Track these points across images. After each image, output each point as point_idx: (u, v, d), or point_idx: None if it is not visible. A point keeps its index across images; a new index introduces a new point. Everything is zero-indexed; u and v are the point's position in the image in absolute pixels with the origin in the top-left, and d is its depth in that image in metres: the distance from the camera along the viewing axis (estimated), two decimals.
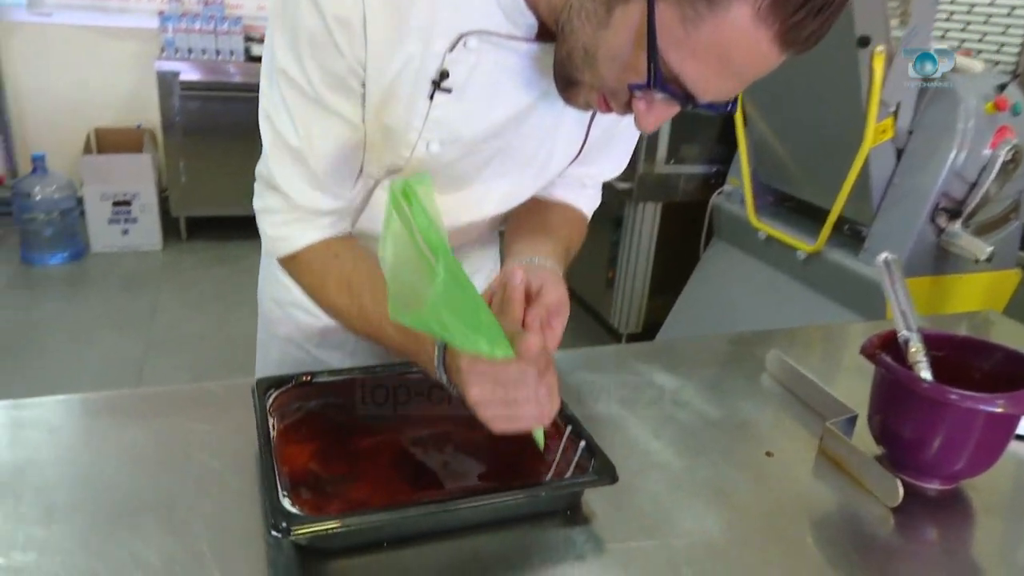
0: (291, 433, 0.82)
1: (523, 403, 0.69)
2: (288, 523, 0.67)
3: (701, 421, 1.00)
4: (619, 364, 1.15)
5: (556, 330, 0.74)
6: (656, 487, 0.85)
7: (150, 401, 0.96)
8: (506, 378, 0.68)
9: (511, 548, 0.75)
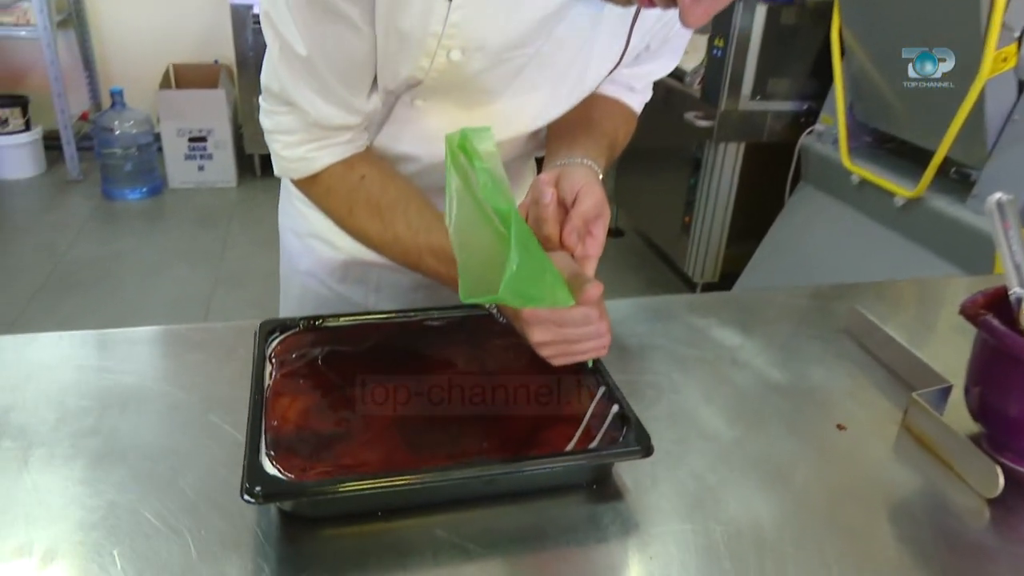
0: (288, 383, 0.73)
1: (584, 340, 0.69)
2: (263, 487, 0.59)
3: (762, 385, 0.87)
4: (675, 316, 1.03)
5: (597, 236, 0.72)
6: (700, 461, 0.74)
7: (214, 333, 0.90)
8: (567, 320, 0.67)
9: (525, 525, 0.65)
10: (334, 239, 0.92)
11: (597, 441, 0.68)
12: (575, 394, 0.74)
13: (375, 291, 0.95)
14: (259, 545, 0.61)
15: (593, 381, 0.76)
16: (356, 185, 0.80)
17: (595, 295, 0.66)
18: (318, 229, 0.94)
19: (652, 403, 0.82)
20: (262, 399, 0.70)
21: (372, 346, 0.80)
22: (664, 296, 1.38)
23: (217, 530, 0.62)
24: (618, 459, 0.67)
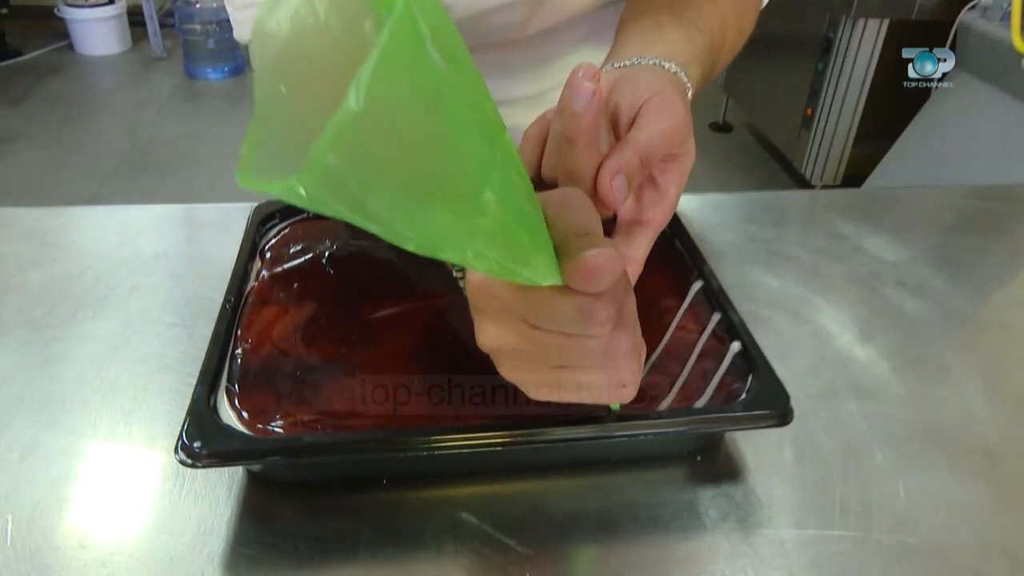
0: (277, 288, 0.54)
1: (581, 366, 0.35)
2: (205, 441, 0.40)
3: (943, 318, 0.62)
4: (809, 218, 0.77)
5: (665, 191, 0.42)
6: (856, 431, 0.51)
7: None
8: (547, 316, 0.33)
9: (587, 512, 0.45)
10: None
11: (707, 395, 0.46)
12: (678, 322, 0.52)
13: None
14: (212, 513, 0.43)
15: (705, 303, 0.53)
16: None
17: (600, 270, 0.31)
18: None
19: (782, 341, 0.59)
20: (236, 308, 0.51)
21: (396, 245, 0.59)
22: (793, 191, 1.11)
23: (155, 484, 0.45)
24: (739, 427, 0.45)
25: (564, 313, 0.32)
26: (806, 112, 2.55)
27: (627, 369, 0.35)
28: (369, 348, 0.49)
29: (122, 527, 0.43)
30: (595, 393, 0.36)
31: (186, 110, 3.41)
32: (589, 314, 0.32)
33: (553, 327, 0.33)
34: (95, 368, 0.53)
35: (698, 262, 0.57)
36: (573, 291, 0.32)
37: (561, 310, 0.32)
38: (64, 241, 0.67)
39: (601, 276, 0.31)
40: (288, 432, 0.43)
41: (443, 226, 0.26)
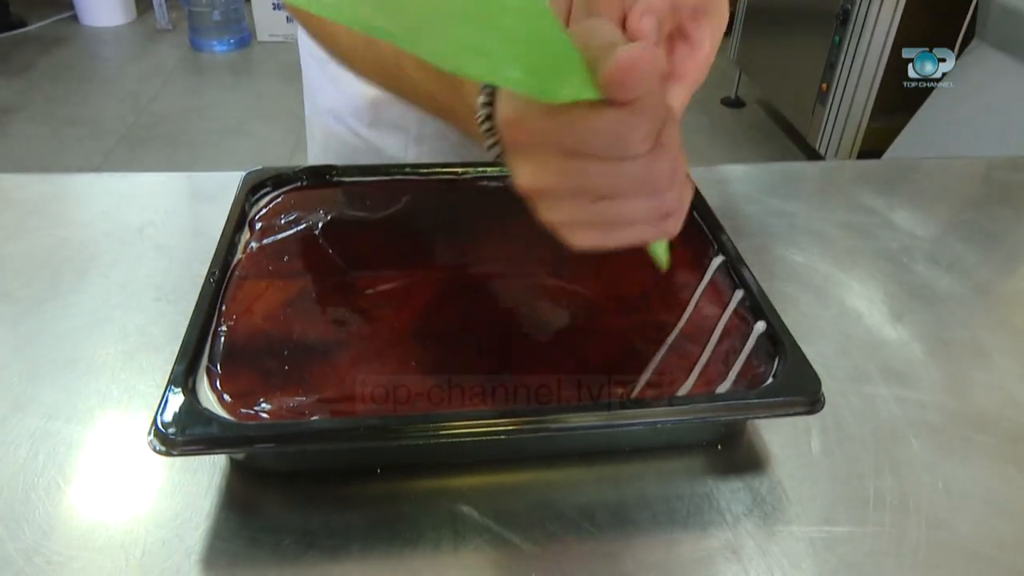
0: (266, 261, 0.50)
1: (625, 192, 0.32)
2: (180, 426, 0.37)
3: (979, 297, 0.58)
4: (833, 191, 0.73)
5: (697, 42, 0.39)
6: (891, 418, 0.47)
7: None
8: (585, 137, 0.31)
9: (597, 504, 0.41)
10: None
11: (730, 379, 0.42)
12: (697, 300, 0.48)
13: (415, 142, 0.69)
14: (190, 504, 0.40)
15: (726, 280, 0.49)
16: None
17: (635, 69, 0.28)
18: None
19: (807, 321, 0.55)
20: (222, 282, 0.47)
21: (397, 214, 0.55)
22: (815, 162, 1.06)
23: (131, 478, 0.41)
24: (766, 414, 0.41)
25: (600, 130, 0.30)
26: (821, 87, 2.48)
27: (671, 195, 0.33)
28: (365, 325, 0.45)
29: (92, 518, 0.39)
30: (639, 228, 0.34)
31: (191, 83, 3.36)
32: (627, 129, 0.30)
33: (590, 149, 0.31)
34: (71, 345, 0.50)
35: (718, 235, 0.53)
36: (608, 106, 0.29)
37: (596, 127, 0.30)
38: (46, 210, 0.64)
39: (637, 73, 0.28)
40: (274, 417, 0.39)
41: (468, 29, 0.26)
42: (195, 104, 3.17)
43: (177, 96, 3.22)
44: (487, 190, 0.59)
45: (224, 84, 3.40)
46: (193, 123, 3.00)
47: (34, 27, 3.71)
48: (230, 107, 3.15)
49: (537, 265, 0.50)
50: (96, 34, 3.76)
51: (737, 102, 3.16)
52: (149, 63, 3.53)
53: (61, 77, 3.31)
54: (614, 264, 0.51)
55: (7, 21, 3.64)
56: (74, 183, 0.68)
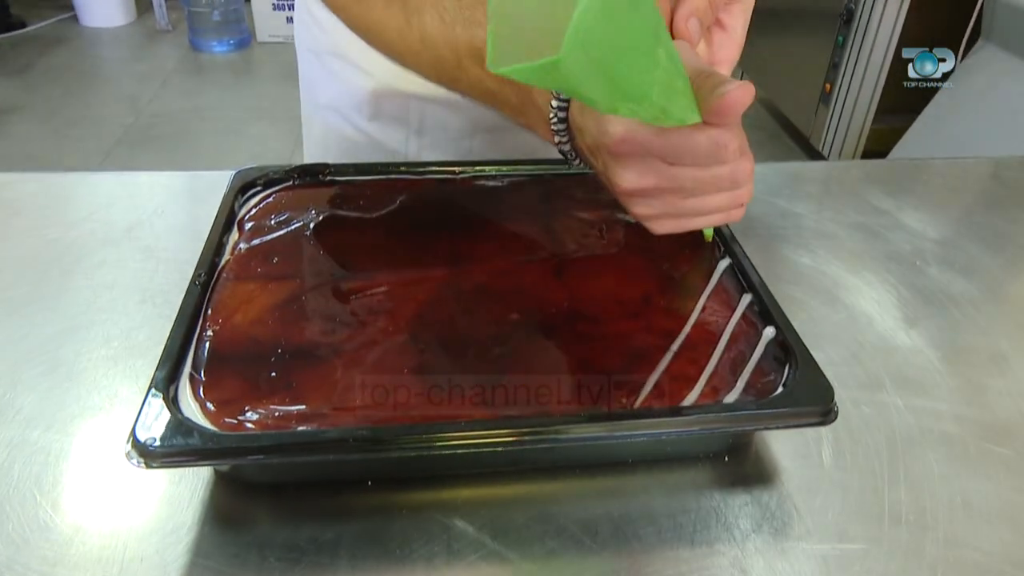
0: (254, 263, 0.48)
1: (707, 191, 0.40)
2: (161, 437, 0.35)
3: (995, 301, 0.56)
4: (840, 191, 0.71)
5: (732, 29, 0.45)
6: (905, 429, 0.45)
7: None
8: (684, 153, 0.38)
9: (600, 516, 0.39)
10: (359, 58, 0.64)
11: (738, 388, 0.40)
12: (703, 304, 0.46)
13: (416, 134, 0.67)
14: (172, 517, 0.38)
15: (733, 284, 0.47)
16: None
17: (738, 103, 0.35)
18: (339, 44, 0.66)
19: (816, 326, 0.53)
20: (208, 284, 0.45)
21: (392, 214, 0.53)
22: (822, 162, 1.04)
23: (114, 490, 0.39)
24: (776, 425, 0.39)
25: (701, 147, 0.37)
26: (825, 87, 2.46)
27: (746, 189, 0.41)
28: (357, 330, 0.43)
29: (67, 532, 0.37)
30: (716, 216, 0.42)
31: (190, 83, 3.35)
32: (724, 145, 0.37)
33: (692, 162, 0.38)
34: (52, 349, 0.48)
35: (724, 238, 0.51)
36: (706, 127, 0.36)
37: (699, 144, 0.37)
38: (32, 210, 0.62)
39: (739, 108, 0.35)
40: (259, 427, 0.37)
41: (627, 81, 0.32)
42: (195, 105, 3.16)
43: (177, 97, 3.21)
44: (484, 189, 0.57)
45: (224, 85, 3.39)
46: (193, 124, 2.99)
47: (34, 27, 3.70)
48: (230, 108, 3.14)
49: (536, 267, 0.49)
50: (96, 35, 3.75)
51: None
52: (149, 64, 3.51)
53: (61, 78, 3.30)
54: (615, 267, 0.49)
55: (7, 21, 3.63)
56: (62, 182, 0.66)
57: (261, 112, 3.10)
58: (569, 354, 0.42)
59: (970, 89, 2.15)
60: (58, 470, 0.41)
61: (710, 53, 0.45)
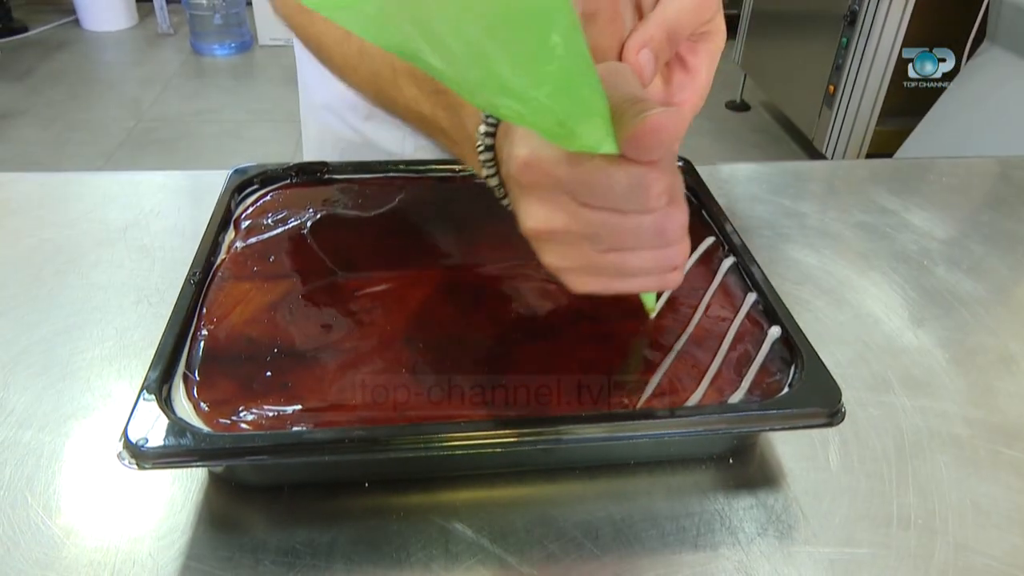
0: (250, 262, 0.47)
1: (631, 247, 0.32)
2: (149, 441, 0.34)
3: (1003, 301, 0.55)
4: (845, 190, 0.70)
5: (696, 71, 0.38)
6: (914, 431, 0.44)
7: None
8: (599, 191, 0.31)
9: (601, 520, 0.38)
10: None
11: (743, 388, 0.39)
12: (707, 303, 0.45)
13: (413, 135, 0.66)
14: (165, 520, 0.37)
15: (738, 283, 0.47)
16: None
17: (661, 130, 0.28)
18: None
19: (822, 326, 0.52)
20: (203, 284, 0.44)
21: (390, 213, 0.53)
22: (826, 161, 1.04)
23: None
24: (782, 426, 0.38)
25: (618, 185, 0.30)
26: (828, 89, 2.46)
27: (678, 250, 0.33)
28: (354, 329, 0.43)
29: (59, 534, 0.37)
30: (643, 279, 0.34)
31: (192, 87, 3.35)
32: (645, 186, 0.30)
33: (606, 203, 0.31)
34: (46, 349, 0.47)
35: (728, 236, 0.50)
36: (628, 162, 0.29)
37: (615, 182, 0.30)
38: (27, 210, 0.61)
39: (662, 137, 0.28)
40: (254, 427, 0.37)
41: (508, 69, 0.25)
42: (196, 108, 3.16)
43: (178, 100, 3.21)
44: (485, 188, 0.56)
45: (225, 88, 3.39)
46: (194, 127, 2.99)
47: (36, 32, 3.70)
48: (231, 111, 3.14)
49: (537, 266, 0.48)
50: (98, 39, 3.75)
51: (742, 105, 3.14)
52: (150, 67, 3.52)
53: (63, 82, 3.30)
54: None
55: (9, 26, 3.64)
56: (58, 182, 0.66)
57: (262, 115, 3.10)
58: (570, 354, 0.41)
59: (975, 90, 2.14)
60: (51, 471, 0.40)
61: (668, 93, 0.39)
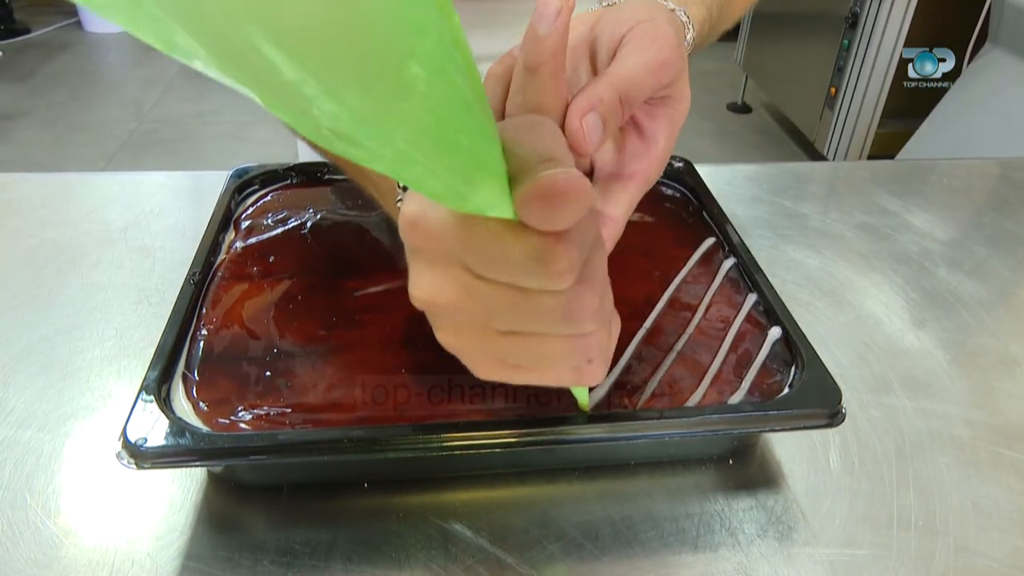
0: (250, 262, 0.47)
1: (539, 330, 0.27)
2: (148, 441, 0.34)
3: (1005, 303, 0.55)
4: (846, 192, 0.70)
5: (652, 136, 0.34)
6: (913, 434, 0.44)
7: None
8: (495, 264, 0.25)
9: (600, 520, 0.38)
10: None
11: (743, 389, 0.39)
12: (707, 304, 0.45)
13: None
14: (164, 520, 0.37)
15: (738, 283, 0.47)
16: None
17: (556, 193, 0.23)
18: None
19: (822, 327, 0.52)
20: (203, 284, 0.44)
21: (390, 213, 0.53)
22: (827, 163, 1.04)
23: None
24: (782, 427, 0.38)
25: (515, 256, 0.24)
26: (830, 91, 2.46)
27: (594, 339, 0.28)
28: (352, 331, 0.43)
29: (58, 534, 0.37)
30: (555, 371, 0.29)
31: (192, 89, 3.35)
32: (546, 260, 0.24)
33: (501, 276, 0.25)
34: (46, 349, 0.47)
35: (729, 237, 0.50)
36: (529, 230, 0.24)
37: (511, 252, 0.24)
38: (28, 210, 0.61)
39: (561, 203, 0.23)
40: (253, 427, 0.37)
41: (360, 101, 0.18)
42: (198, 110, 3.16)
43: (180, 102, 3.22)
44: None
45: (226, 90, 3.37)
46: (195, 129, 2.99)
47: (38, 33, 3.71)
48: (232, 112, 3.14)
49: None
50: (99, 40, 3.76)
51: (743, 107, 3.14)
52: (152, 69, 3.52)
53: (64, 83, 3.31)
54: (618, 267, 0.48)
55: (11, 27, 3.65)
56: (59, 183, 0.66)
57: (264, 117, 3.10)
58: None
59: (977, 92, 2.14)
60: (50, 471, 0.40)
61: (619, 163, 0.35)
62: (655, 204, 0.54)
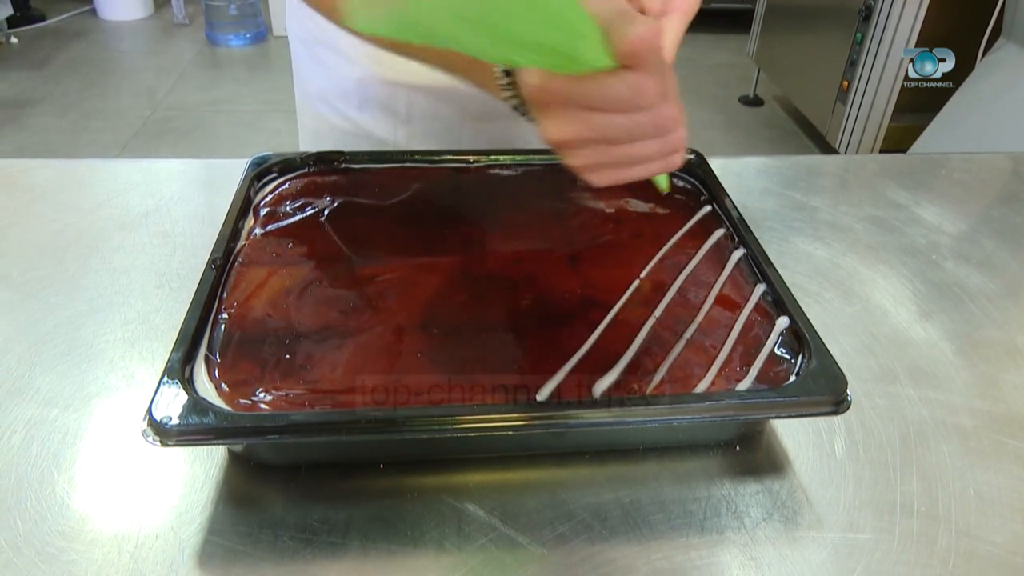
0: (269, 247, 0.48)
1: (640, 137, 0.38)
2: (173, 419, 0.35)
3: (1011, 295, 0.56)
4: (856, 185, 0.71)
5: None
6: (919, 420, 0.45)
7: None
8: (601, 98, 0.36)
9: (610, 503, 0.39)
10: (345, 47, 0.65)
11: (751, 376, 0.40)
12: (716, 293, 0.46)
13: (405, 123, 0.67)
14: (187, 497, 0.39)
15: (747, 274, 0.47)
16: None
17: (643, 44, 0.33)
18: (326, 33, 0.66)
19: (830, 317, 0.53)
20: (224, 268, 0.46)
21: (406, 202, 0.54)
22: (838, 156, 1.04)
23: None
24: (789, 414, 0.39)
25: (617, 92, 0.35)
26: (842, 84, 2.45)
27: (675, 136, 0.38)
28: (370, 315, 0.44)
29: (84, 509, 0.38)
30: (650, 165, 0.39)
31: (207, 77, 3.37)
32: (640, 90, 0.35)
33: (610, 106, 0.36)
34: (70, 331, 0.48)
35: (739, 228, 0.51)
36: (622, 71, 0.34)
37: (614, 90, 0.35)
38: (52, 196, 0.63)
39: (645, 49, 0.33)
40: (273, 408, 0.38)
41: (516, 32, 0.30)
42: (211, 98, 3.17)
43: (193, 90, 3.23)
44: (499, 178, 0.57)
45: (240, 78, 3.41)
46: (209, 117, 3.01)
47: (53, 21, 3.73)
48: (246, 101, 3.16)
49: (550, 255, 0.49)
50: (114, 28, 3.78)
51: (755, 100, 3.13)
52: (166, 57, 3.54)
53: (79, 71, 3.33)
54: (629, 255, 0.49)
55: (27, 15, 3.67)
56: (81, 169, 0.67)
57: (277, 105, 3.12)
58: (581, 340, 0.42)
59: (990, 87, 2.13)
60: (75, 449, 0.41)
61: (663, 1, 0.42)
62: (667, 195, 0.55)
